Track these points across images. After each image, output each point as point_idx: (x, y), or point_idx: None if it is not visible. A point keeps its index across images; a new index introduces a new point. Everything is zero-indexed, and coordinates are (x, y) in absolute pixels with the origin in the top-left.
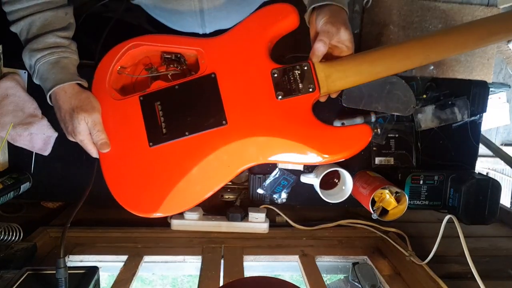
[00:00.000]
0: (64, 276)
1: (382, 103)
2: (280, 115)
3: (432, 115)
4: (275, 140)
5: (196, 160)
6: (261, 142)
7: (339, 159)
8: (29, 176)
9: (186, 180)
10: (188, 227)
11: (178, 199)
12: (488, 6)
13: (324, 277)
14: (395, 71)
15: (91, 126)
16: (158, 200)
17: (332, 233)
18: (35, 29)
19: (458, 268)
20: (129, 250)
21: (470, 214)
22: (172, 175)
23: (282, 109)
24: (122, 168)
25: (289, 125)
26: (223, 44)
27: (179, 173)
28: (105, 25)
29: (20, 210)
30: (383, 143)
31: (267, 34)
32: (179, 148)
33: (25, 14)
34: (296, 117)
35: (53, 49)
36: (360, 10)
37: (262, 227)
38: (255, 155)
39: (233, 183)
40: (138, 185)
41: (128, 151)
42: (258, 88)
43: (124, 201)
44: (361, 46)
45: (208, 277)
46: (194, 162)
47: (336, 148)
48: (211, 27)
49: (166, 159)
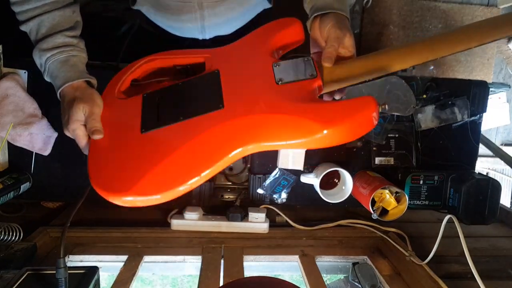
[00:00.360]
0: (64, 276)
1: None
2: (279, 96)
3: (432, 115)
4: (270, 117)
5: (185, 140)
6: (257, 121)
7: (341, 135)
8: (29, 176)
9: (170, 159)
10: (188, 227)
11: (159, 178)
12: (488, 6)
13: (324, 277)
14: (400, 64)
15: (88, 116)
16: (135, 180)
17: (332, 233)
18: (44, 30)
19: (458, 268)
20: (129, 250)
21: (470, 214)
22: (156, 156)
23: (281, 92)
24: (107, 154)
25: (288, 102)
26: (230, 50)
27: (164, 153)
28: (105, 25)
29: (20, 210)
30: (383, 143)
31: (270, 42)
32: (171, 132)
33: (34, 15)
34: (296, 97)
35: (62, 48)
36: (360, 10)
37: (262, 227)
38: (249, 137)
39: (233, 183)
40: (117, 167)
41: (118, 139)
42: (259, 77)
43: (97, 182)
44: (361, 46)
45: (208, 277)
46: (182, 142)
47: (336, 118)
48: (211, 33)
49: (154, 143)
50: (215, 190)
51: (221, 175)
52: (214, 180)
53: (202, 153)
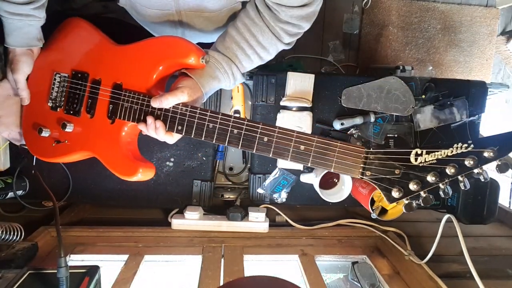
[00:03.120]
0: (65, 275)
1: (381, 103)
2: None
3: (431, 115)
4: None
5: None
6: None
7: None
8: (25, 184)
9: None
10: (189, 226)
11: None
12: (486, 7)
13: (323, 276)
14: None
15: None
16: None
17: (332, 233)
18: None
19: (457, 268)
20: (130, 250)
21: (469, 214)
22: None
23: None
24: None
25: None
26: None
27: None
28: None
29: (21, 210)
30: (382, 143)
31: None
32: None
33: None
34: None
35: (23, 17)
36: (359, 11)
37: (262, 226)
38: None
39: (233, 183)
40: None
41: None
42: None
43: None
44: (361, 47)
45: (208, 276)
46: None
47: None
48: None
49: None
50: (216, 190)
51: (221, 175)
52: (215, 180)
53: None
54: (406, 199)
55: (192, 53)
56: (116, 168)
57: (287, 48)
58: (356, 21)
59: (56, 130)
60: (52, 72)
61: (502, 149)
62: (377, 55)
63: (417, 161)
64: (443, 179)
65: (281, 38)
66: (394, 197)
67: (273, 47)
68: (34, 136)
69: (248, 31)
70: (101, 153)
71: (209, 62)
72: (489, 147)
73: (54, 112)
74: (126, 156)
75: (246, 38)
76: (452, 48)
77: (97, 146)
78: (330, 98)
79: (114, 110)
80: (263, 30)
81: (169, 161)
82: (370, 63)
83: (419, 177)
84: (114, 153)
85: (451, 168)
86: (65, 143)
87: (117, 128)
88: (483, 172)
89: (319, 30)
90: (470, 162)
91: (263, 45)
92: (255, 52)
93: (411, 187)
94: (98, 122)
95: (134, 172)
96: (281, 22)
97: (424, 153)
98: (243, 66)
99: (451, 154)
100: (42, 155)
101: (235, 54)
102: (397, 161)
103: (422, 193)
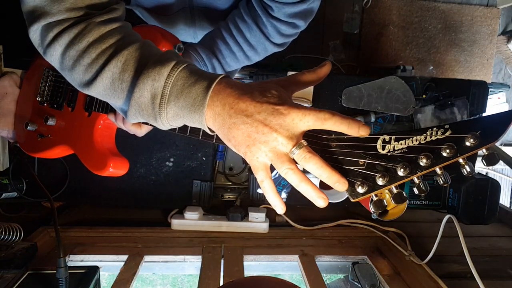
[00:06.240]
0: (64, 275)
1: (382, 103)
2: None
3: (431, 115)
4: None
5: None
6: None
7: None
8: (22, 186)
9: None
10: (188, 226)
11: None
12: (487, 7)
13: (324, 276)
14: None
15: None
16: None
17: (332, 233)
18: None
19: (457, 268)
20: (129, 250)
21: (470, 214)
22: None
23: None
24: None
25: None
26: None
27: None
28: None
29: (21, 210)
30: None
31: None
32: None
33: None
34: None
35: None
36: (360, 10)
37: (262, 226)
38: None
39: (233, 183)
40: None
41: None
42: None
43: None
44: (361, 46)
45: (208, 276)
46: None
47: None
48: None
49: None
50: (215, 190)
51: (221, 175)
52: (214, 180)
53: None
54: (396, 188)
55: (165, 40)
56: (88, 162)
57: (278, 49)
58: (357, 20)
59: (41, 124)
60: (42, 67)
61: (486, 135)
62: (378, 54)
63: (384, 150)
64: (415, 171)
65: (270, 37)
66: (359, 192)
67: (261, 47)
68: (22, 130)
69: (235, 28)
70: (76, 146)
71: (190, 54)
72: (470, 132)
73: (41, 107)
74: (99, 150)
75: (233, 35)
76: (452, 48)
77: (74, 139)
78: (330, 98)
79: (90, 102)
80: (251, 27)
81: (168, 161)
82: (371, 63)
83: (388, 169)
84: (88, 147)
85: (423, 158)
86: (48, 137)
87: (93, 121)
88: (466, 164)
89: (319, 30)
90: (447, 151)
91: (250, 43)
92: (241, 50)
93: (377, 181)
94: (77, 115)
95: (104, 166)
96: (273, 19)
97: (393, 140)
98: (227, 63)
99: (425, 141)
100: (30, 150)
101: (219, 49)
102: (361, 149)
103: (394, 189)
